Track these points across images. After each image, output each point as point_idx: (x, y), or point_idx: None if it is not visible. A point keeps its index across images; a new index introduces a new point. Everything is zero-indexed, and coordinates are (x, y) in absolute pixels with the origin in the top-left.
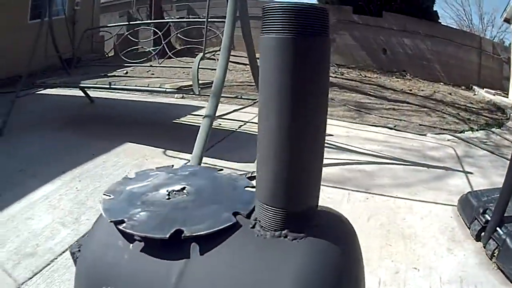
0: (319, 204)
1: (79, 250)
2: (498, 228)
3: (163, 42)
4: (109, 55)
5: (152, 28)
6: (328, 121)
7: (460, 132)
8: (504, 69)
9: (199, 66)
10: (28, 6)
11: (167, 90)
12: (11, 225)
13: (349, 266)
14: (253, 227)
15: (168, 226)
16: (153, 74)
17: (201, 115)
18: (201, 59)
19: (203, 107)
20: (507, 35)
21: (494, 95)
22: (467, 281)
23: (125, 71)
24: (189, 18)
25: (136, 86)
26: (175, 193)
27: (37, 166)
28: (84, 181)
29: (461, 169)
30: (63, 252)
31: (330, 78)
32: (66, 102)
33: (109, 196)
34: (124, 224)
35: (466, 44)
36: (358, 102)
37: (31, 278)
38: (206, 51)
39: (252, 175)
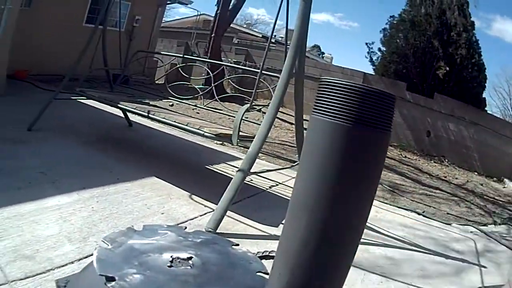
0: None
1: (65, 286)
2: None
3: (212, 84)
4: (159, 82)
5: (206, 68)
6: None
7: (484, 225)
8: None
9: (244, 117)
10: (86, 8)
11: (205, 134)
12: (17, 223)
13: None
14: None
15: None
16: (198, 113)
17: (236, 167)
18: (247, 110)
19: (240, 158)
20: None
21: None
22: None
23: (171, 103)
24: (245, 64)
25: (175, 122)
26: (179, 261)
27: (58, 173)
28: (102, 203)
29: (477, 263)
30: (63, 265)
31: None
32: (104, 118)
33: (107, 244)
34: (113, 283)
35: (506, 135)
36: (393, 183)
37: (22, 279)
38: (254, 103)
39: (264, 254)
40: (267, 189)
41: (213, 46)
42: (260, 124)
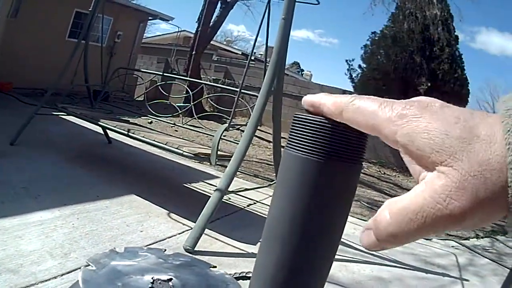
0: None
1: None
2: None
3: (191, 102)
4: (138, 99)
5: (185, 86)
6: None
7: (465, 239)
8: None
9: (223, 136)
10: (69, 22)
11: (184, 153)
12: (1, 237)
13: None
14: None
15: None
16: (176, 131)
17: (214, 185)
18: (226, 129)
19: (218, 177)
20: None
21: None
22: None
23: (150, 121)
24: (224, 81)
25: (154, 140)
26: (159, 283)
27: (40, 189)
28: (82, 220)
29: (459, 277)
30: (46, 280)
31: None
32: (84, 134)
33: (91, 266)
34: None
35: None
36: (372, 200)
37: None
38: (233, 122)
39: (241, 275)
40: (244, 207)
41: (193, 64)
42: (238, 143)
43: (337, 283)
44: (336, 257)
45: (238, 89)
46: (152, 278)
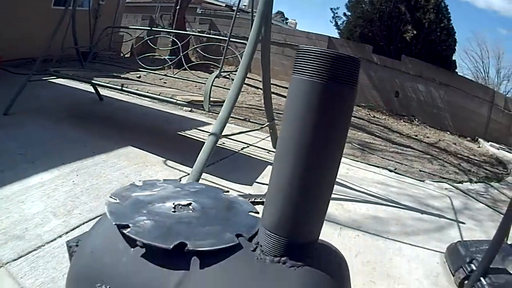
0: None
1: (77, 245)
2: (482, 278)
3: (181, 53)
4: (126, 56)
5: (172, 37)
6: None
7: (459, 183)
8: None
9: (213, 84)
10: None
11: (178, 101)
12: (3, 205)
13: None
14: (254, 250)
15: (172, 237)
16: (165, 83)
17: (207, 131)
18: (217, 76)
19: (211, 123)
20: None
21: (498, 149)
22: None
23: (138, 75)
24: (210, 33)
25: (148, 92)
26: (181, 207)
27: (37, 153)
28: (81, 176)
29: (455, 219)
30: (52, 240)
31: None
32: (76, 95)
33: (115, 199)
34: (128, 229)
35: (479, 96)
36: (363, 141)
37: (15, 260)
38: (223, 70)
39: (256, 200)
40: (238, 151)
41: (177, 17)
42: (229, 89)
43: (334, 221)
44: (332, 196)
45: (224, 38)
46: (173, 203)
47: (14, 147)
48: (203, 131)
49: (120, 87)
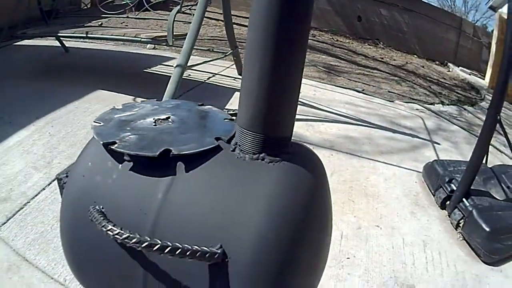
0: None
1: (67, 176)
2: (464, 199)
3: None
4: (86, 7)
5: None
6: None
7: (430, 104)
8: (483, 52)
9: (175, 19)
10: None
11: (142, 40)
12: None
13: (319, 189)
14: (233, 150)
15: (157, 146)
16: (127, 25)
17: (172, 66)
18: (178, 11)
19: (174, 58)
20: (490, 22)
21: (469, 74)
22: (430, 246)
23: (100, 23)
24: None
25: (112, 35)
26: (161, 121)
27: (12, 113)
28: (56, 126)
29: (430, 140)
30: (36, 195)
31: None
32: (42, 52)
33: (99, 123)
34: (116, 145)
35: (445, 22)
36: (328, 64)
37: (4, 223)
38: (183, 5)
39: (234, 112)
40: (205, 81)
41: None
42: (190, 23)
43: (306, 141)
44: (300, 117)
45: None
46: (153, 119)
47: None
48: (168, 65)
49: (85, 35)
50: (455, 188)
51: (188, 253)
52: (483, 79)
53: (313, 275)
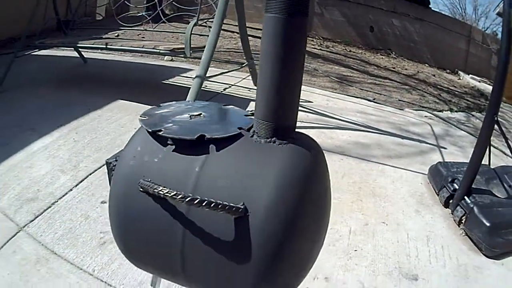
0: None
1: (116, 160)
2: (466, 197)
3: (158, 8)
4: (102, 18)
5: None
6: (310, 89)
7: (439, 111)
8: (493, 59)
9: (192, 31)
10: None
11: (161, 51)
12: (12, 174)
13: (317, 163)
14: (252, 136)
15: (193, 133)
16: (143, 38)
17: (190, 77)
18: (195, 24)
19: (191, 69)
20: (500, 28)
21: (479, 81)
22: (434, 241)
23: (116, 34)
24: None
25: (131, 47)
26: (194, 116)
27: (35, 121)
28: (80, 133)
29: (437, 145)
30: (64, 195)
31: (315, 50)
32: (61, 62)
33: (145, 117)
34: (161, 132)
35: (455, 31)
36: (341, 74)
37: (32, 220)
38: (199, 18)
39: (251, 112)
40: (222, 91)
41: None
42: (207, 36)
43: None
44: (313, 125)
45: None
46: (188, 114)
47: (12, 119)
48: (186, 77)
49: (105, 46)
50: (457, 187)
51: (220, 206)
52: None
53: (317, 233)
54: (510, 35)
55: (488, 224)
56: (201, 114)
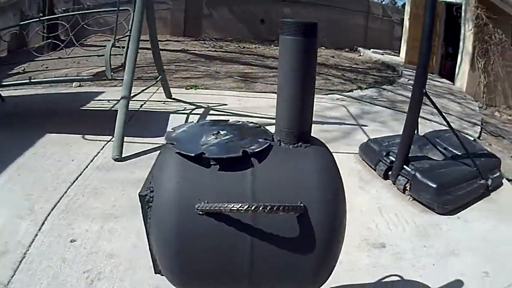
0: None
1: (151, 191)
2: (405, 166)
3: (70, 34)
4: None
5: (45, 24)
6: (218, 92)
7: (349, 91)
8: (395, 30)
9: (99, 54)
10: None
11: (85, 77)
12: None
13: (334, 159)
14: (280, 144)
15: (233, 150)
16: (47, 67)
17: (104, 99)
18: (113, 45)
19: (103, 91)
20: None
21: (382, 54)
22: (386, 211)
23: (22, 68)
24: (74, 9)
25: (55, 77)
26: (216, 135)
27: None
28: (23, 174)
29: (358, 124)
30: (32, 242)
31: (210, 52)
32: None
33: (174, 143)
34: (205, 154)
35: (351, 9)
36: (242, 73)
37: (13, 275)
38: (115, 39)
39: (257, 124)
40: (139, 109)
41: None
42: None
43: None
44: None
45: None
46: (211, 133)
47: None
48: (100, 100)
49: (28, 80)
50: (394, 159)
51: (285, 208)
52: (398, 56)
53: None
54: (434, 6)
55: (435, 186)
56: (219, 132)
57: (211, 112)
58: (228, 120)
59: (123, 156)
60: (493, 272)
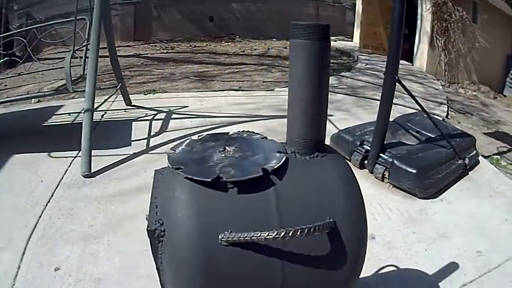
0: None
1: (162, 224)
2: (382, 154)
3: (28, 49)
4: None
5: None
6: (177, 94)
7: None
8: (347, 15)
9: (59, 67)
10: None
11: (47, 93)
12: None
13: (352, 170)
14: (295, 156)
15: (249, 170)
16: (6, 85)
17: (65, 113)
18: (72, 57)
19: (63, 105)
20: None
21: (335, 41)
22: (368, 201)
23: None
24: (28, 24)
25: (17, 96)
26: (223, 152)
27: None
28: None
29: None
30: (16, 275)
31: (162, 54)
32: None
33: (182, 167)
34: (223, 179)
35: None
36: (197, 72)
37: None
38: (74, 50)
39: (262, 135)
40: (100, 119)
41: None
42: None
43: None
44: (202, 128)
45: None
46: (218, 151)
47: None
48: (61, 114)
49: None
50: (369, 148)
51: (317, 229)
52: (351, 41)
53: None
54: None
55: (415, 171)
56: (225, 148)
57: (174, 116)
58: (228, 132)
59: (92, 171)
60: (485, 250)
